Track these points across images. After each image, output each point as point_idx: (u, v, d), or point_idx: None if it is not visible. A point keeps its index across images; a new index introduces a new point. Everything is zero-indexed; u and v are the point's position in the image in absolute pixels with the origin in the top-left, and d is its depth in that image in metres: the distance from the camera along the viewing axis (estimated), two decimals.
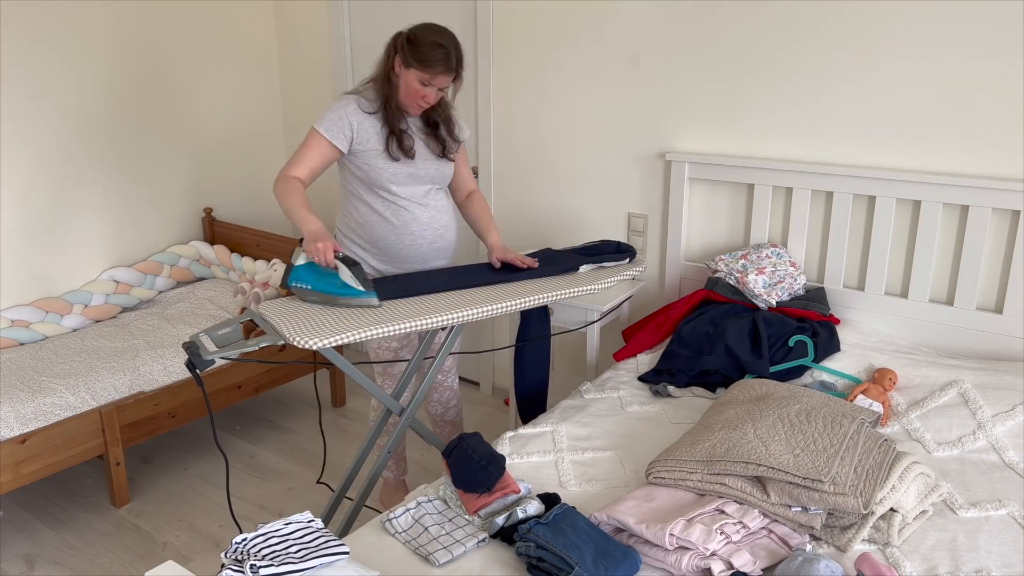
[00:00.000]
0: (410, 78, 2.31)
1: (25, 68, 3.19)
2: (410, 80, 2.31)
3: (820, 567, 1.51)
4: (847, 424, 1.86)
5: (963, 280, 2.43)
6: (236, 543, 1.49)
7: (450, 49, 2.29)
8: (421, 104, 2.36)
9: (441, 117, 2.47)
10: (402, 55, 2.30)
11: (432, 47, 2.27)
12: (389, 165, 2.38)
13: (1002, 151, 2.34)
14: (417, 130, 2.44)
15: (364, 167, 2.39)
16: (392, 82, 2.35)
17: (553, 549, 1.59)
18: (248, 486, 3.03)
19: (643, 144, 3.00)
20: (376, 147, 2.37)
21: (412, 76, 2.30)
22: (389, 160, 2.38)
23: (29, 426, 2.61)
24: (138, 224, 3.67)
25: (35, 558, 2.63)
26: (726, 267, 2.66)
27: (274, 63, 4.15)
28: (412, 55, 2.28)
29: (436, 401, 2.82)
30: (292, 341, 1.92)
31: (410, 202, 2.44)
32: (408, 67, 2.30)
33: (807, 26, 2.57)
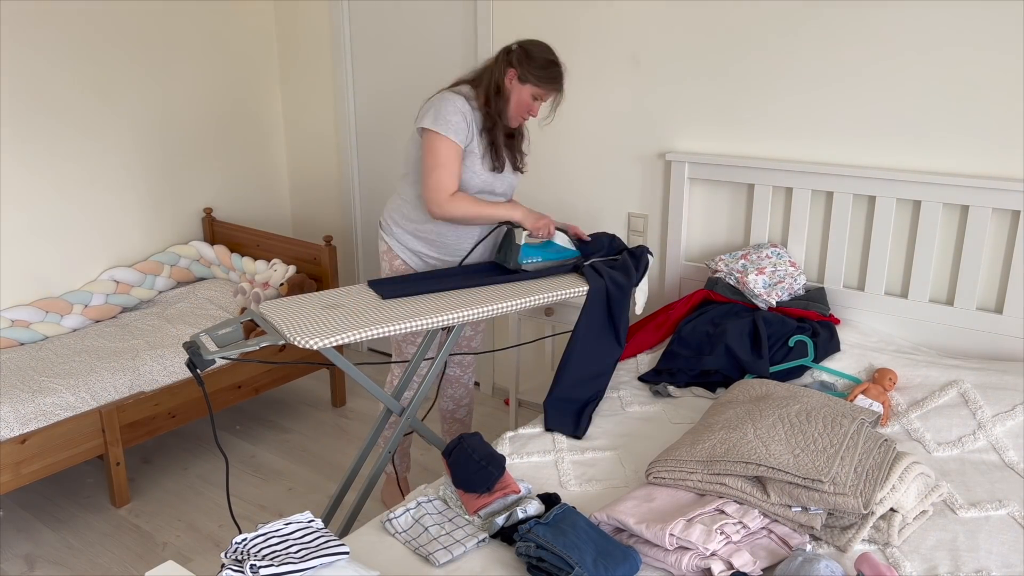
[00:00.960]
0: (524, 93, 2.37)
1: (25, 68, 3.19)
2: (523, 95, 2.37)
3: (820, 567, 1.51)
4: (847, 424, 1.86)
5: (963, 280, 2.43)
6: (236, 543, 1.49)
7: (561, 67, 2.39)
8: (525, 117, 2.43)
9: (518, 131, 2.53)
10: (520, 70, 2.35)
11: (548, 65, 2.36)
12: (482, 173, 2.43)
13: (1002, 151, 2.34)
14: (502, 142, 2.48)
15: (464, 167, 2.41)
16: (503, 94, 2.38)
17: (553, 549, 1.59)
18: (248, 486, 3.03)
19: (643, 144, 3.00)
20: (474, 152, 2.41)
21: (526, 91, 2.37)
22: (483, 168, 2.43)
23: (29, 426, 2.61)
24: (138, 224, 3.67)
25: (35, 558, 2.63)
26: (726, 267, 2.66)
27: (274, 63, 4.15)
28: (530, 71, 2.34)
29: (449, 397, 2.83)
30: (293, 341, 1.92)
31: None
32: (524, 82, 2.36)
33: (807, 26, 2.57)
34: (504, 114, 2.40)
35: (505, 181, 2.50)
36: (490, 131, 2.40)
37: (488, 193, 2.48)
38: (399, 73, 3.72)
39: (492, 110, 2.38)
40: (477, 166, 2.41)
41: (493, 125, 2.39)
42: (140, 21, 3.53)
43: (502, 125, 2.42)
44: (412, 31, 3.62)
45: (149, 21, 3.56)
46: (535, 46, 2.38)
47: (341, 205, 4.14)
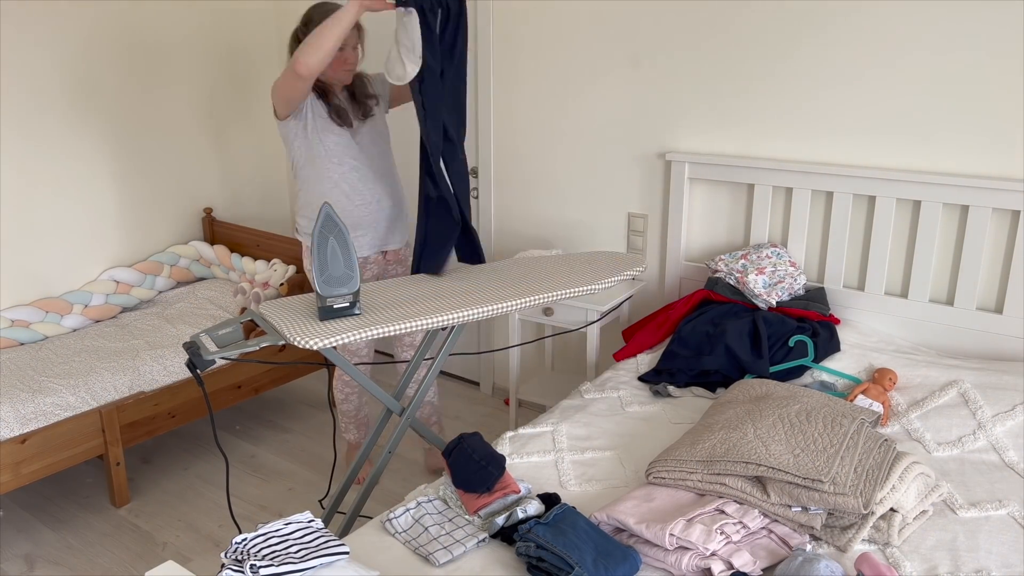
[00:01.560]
0: None
1: (25, 68, 3.19)
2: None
3: (820, 567, 1.51)
4: (847, 424, 1.86)
5: (963, 280, 2.43)
6: (236, 543, 1.49)
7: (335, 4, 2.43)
8: (348, 69, 2.53)
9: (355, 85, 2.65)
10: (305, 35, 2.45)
11: (320, 6, 2.45)
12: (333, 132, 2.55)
13: (1002, 151, 2.34)
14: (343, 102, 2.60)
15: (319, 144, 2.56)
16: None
17: (553, 549, 1.59)
18: (248, 486, 3.03)
19: (643, 144, 3.00)
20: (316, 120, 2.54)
21: None
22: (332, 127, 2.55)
23: (29, 426, 2.61)
24: (138, 224, 3.67)
25: (35, 558, 2.63)
26: (726, 267, 2.66)
27: (274, 63, 4.14)
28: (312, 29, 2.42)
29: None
30: (293, 341, 1.92)
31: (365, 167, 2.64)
32: None
33: (807, 26, 2.57)
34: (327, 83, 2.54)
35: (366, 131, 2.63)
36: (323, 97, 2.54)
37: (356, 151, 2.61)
38: None
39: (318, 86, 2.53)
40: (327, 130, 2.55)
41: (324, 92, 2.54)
42: (140, 21, 3.53)
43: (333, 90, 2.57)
44: None
45: (149, 21, 3.56)
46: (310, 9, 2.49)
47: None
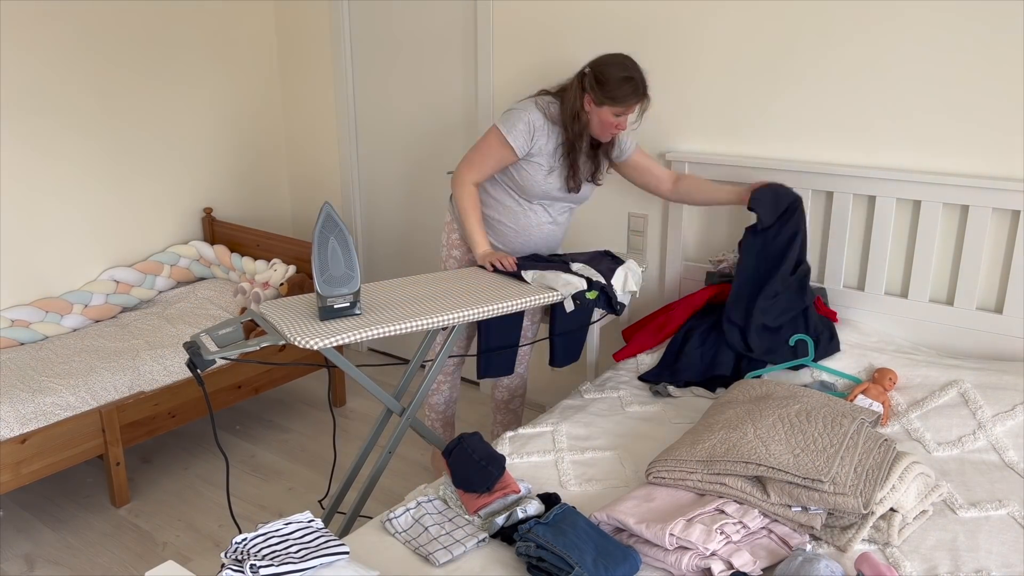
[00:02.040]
0: (604, 114, 2.39)
1: (25, 68, 3.19)
2: (604, 116, 2.40)
3: (820, 567, 1.51)
4: (847, 424, 1.86)
5: (963, 280, 2.43)
6: (236, 543, 1.49)
7: (637, 79, 2.37)
8: (614, 132, 2.45)
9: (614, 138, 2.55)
10: (593, 95, 2.38)
11: (621, 83, 2.35)
12: (547, 180, 2.48)
13: (1002, 151, 2.34)
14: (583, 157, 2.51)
15: (525, 173, 2.48)
16: (581, 120, 2.43)
17: (553, 549, 1.59)
18: (248, 486, 3.03)
19: (643, 144, 3.00)
20: (544, 164, 2.47)
21: (606, 112, 2.38)
22: (552, 178, 2.49)
23: (29, 426, 2.61)
24: (138, 224, 3.67)
25: (35, 558, 2.63)
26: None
27: (274, 63, 4.15)
28: (604, 95, 2.36)
29: (504, 387, 2.88)
30: (293, 341, 1.92)
31: (544, 211, 2.57)
32: (600, 105, 2.37)
33: (807, 26, 2.57)
34: (584, 137, 2.45)
35: (580, 192, 2.57)
36: (568, 155, 2.46)
37: (557, 201, 2.56)
38: (399, 73, 3.72)
39: (572, 134, 2.44)
40: (540, 176, 2.48)
41: (572, 148, 2.45)
42: (140, 21, 3.53)
43: (583, 145, 2.47)
44: (412, 31, 3.62)
45: (149, 21, 3.56)
46: (607, 67, 2.37)
47: (341, 205, 4.13)
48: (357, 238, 4.13)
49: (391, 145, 3.86)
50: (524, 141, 2.43)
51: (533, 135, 2.43)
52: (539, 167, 2.47)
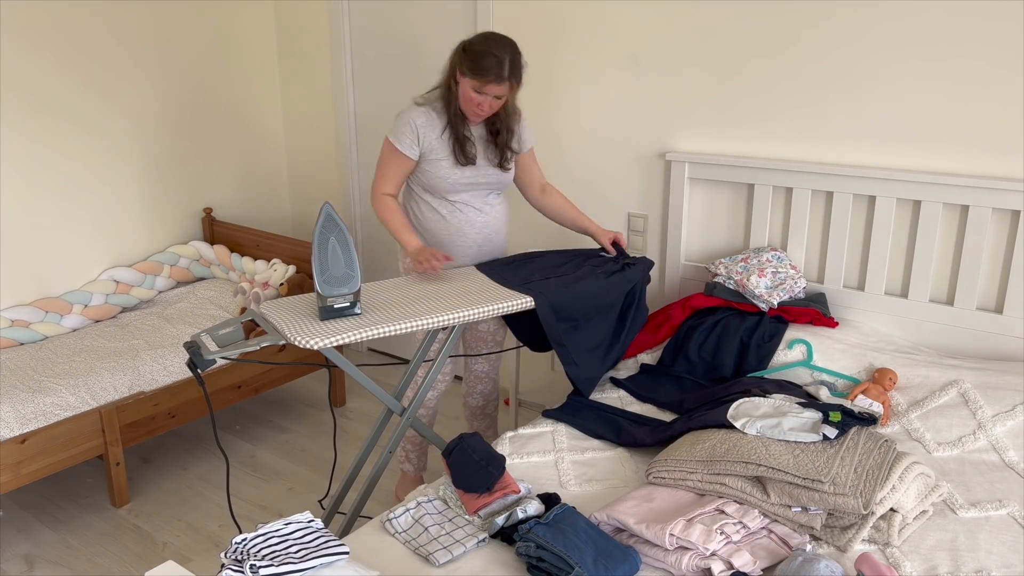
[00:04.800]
0: (465, 86, 2.37)
1: (25, 68, 3.19)
2: (465, 88, 2.37)
3: (820, 567, 1.51)
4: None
5: (963, 280, 2.43)
6: (236, 543, 1.49)
7: (503, 57, 2.32)
8: (477, 112, 2.41)
9: (503, 126, 2.50)
10: (458, 63, 2.37)
11: (484, 56, 2.32)
12: (452, 171, 2.46)
13: (1002, 151, 2.34)
14: (479, 137, 2.50)
15: (428, 171, 2.47)
16: (452, 90, 2.41)
17: (553, 549, 1.59)
18: (248, 486, 3.03)
19: (643, 144, 3.00)
20: (440, 154, 2.45)
21: (467, 84, 2.36)
22: (454, 166, 2.45)
23: (29, 426, 2.61)
24: (138, 224, 3.67)
25: (35, 558, 2.63)
26: (726, 270, 2.66)
27: (274, 63, 4.15)
28: (466, 63, 2.34)
29: (479, 393, 2.85)
30: (293, 341, 1.92)
31: (467, 206, 2.53)
32: (463, 75, 2.36)
33: (807, 26, 2.57)
34: (457, 110, 2.43)
35: (487, 176, 2.51)
36: (452, 127, 2.44)
37: (473, 189, 2.51)
38: (399, 73, 3.72)
39: (450, 108, 2.43)
40: (444, 170, 2.45)
41: (451, 122, 2.44)
42: (140, 20, 3.53)
43: (464, 121, 2.45)
44: (412, 31, 3.61)
45: (149, 21, 3.56)
46: (480, 39, 2.36)
47: (341, 205, 4.13)
48: (357, 238, 4.12)
49: None
50: (411, 143, 2.42)
51: (418, 133, 2.42)
52: (438, 162, 2.45)
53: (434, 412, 2.80)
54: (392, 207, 2.48)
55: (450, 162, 2.45)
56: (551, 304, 2.27)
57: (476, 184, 2.50)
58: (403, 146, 2.42)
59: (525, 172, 2.64)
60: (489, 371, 2.82)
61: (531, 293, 2.26)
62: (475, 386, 2.82)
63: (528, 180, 2.66)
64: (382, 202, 2.49)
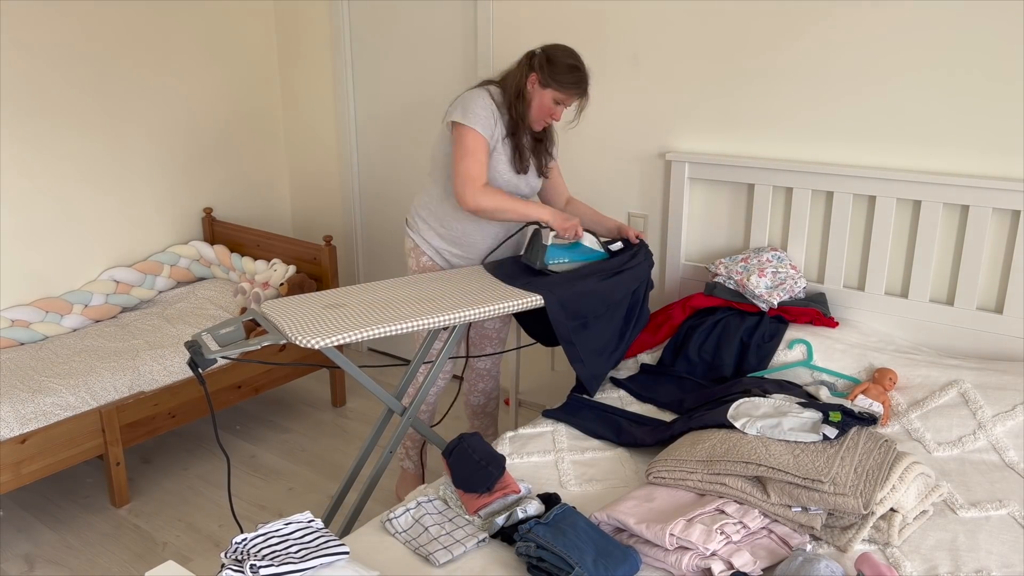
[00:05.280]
0: (546, 97, 2.40)
1: (25, 68, 3.19)
2: (545, 99, 2.40)
3: (820, 567, 1.51)
4: None
5: (963, 280, 2.43)
6: (236, 543, 1.49)
7: (583, 71, 2.40)
8: (548, 121, 2.46)
9: (547, 134, 2.56)
10: (540, 74, 2.38)
11: (571, 70, 2.38)
12: (506, 173, 2.46)
13: (1002, 151, 2.34)
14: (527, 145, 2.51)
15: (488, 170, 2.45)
16: (525, 98, 2.42)
17: (553, 549, 1.59)
18: (248, 486, 3.03)
19: (643, 144, 3.00)
20: (499, 152, 2.44)
21: (548, 96, 2.40)
22: (510, 170, 2.46)
23: (29, 426, 2.61)
24: (138, 224, 3.67)
25: (35, 558, 2.63)
26: (726, 270, 2.66)
27: (274, 63, 4.15)
28: (551, 76, 2.37)
29: (480, 391, 2.85)
30: (294, 340, 1.92)
31: None
32: (546, 87, 2.39)
33: (807, 26, 2.57)
34: (526, 118, 2.44)
35: (529, 184, 2.55)
36: (514, 134, 2.44)
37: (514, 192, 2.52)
38: (399, 73, 3.72)
39: (514, 114, 2.42)
40: (502, 166, 2.45)
41: (516, 128, 2.44)
42: (140, 21, 3.53)
43: (525, 128, 2.46)
44: (412, 31, 3.62)
45: (149, 21, 3.56)
46: (558, 51, 2.40)
47: (341, 205, 4.14)
48: (357, 238, 4.13)
49: (391, 144, 3.86)
50: (490, 128, 2.39)
51: (495, 122, 2.40)
52: (500, 156, 2.44)
53: (433, 410, 2.80)
54: (498, 189, 2.38)
55: (506, 165, 2.46)
56: (560, 301, 2.28)
57: (519, 189, 2.53)
58: (486, 131, 2.36)
59: (553, 185, 2.69)
60: (491, 368, 2.82)
61: (540, 291, 2.27)
62: (476, 384, 2.82)
63: (556, 191, 2.70)
64: (488, 193, 2.34)
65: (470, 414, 2.90)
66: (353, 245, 4.14)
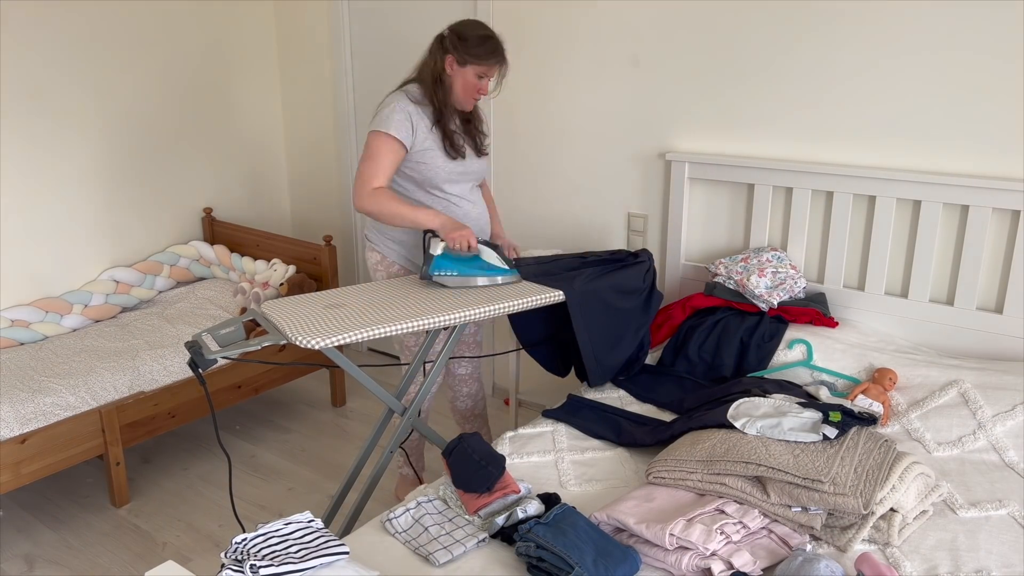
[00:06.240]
0: (468, 75, 2.39)
1: (24, 68, 3.19)
2: (468, 77, 2.39)
3: (820, 567, 1.51)
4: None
5: (963, 280, 2.43)
6: (236, 543, 1.49)
7: (496, 39, 2.39)
8: (475, 99, 2.44)
9: (473, 115, 2.55)
10: (456, 54, 2.37)
11: (483, 40, 2.36)
12: (445, 164, 2.45)
13: (1002, 151, 2.34)
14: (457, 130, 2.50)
15: (420, 166, 2.44)
16: (444, 83, 2.41)
17: (553, 549, 1.59)
18: (248, 486, 3.03)
19: (643, 144, 3.00)
20: (431, 146, 2.43)
21: (470, 72, 2.38)
22: (446, 159, 2.45)
23: (29, 426, 2.61)
24: (138, 224, 3.67)
25: (35, 558, 2.63)
26: (726, 270, 2.66)
27: (274, 63, 4.15)
28: (467, 52, 2.36)
29: (466, 395, 2.84)
30: (295, 341, 1.92)
31: (460, 198, 2.52)
32: (464, 64, 2.37)
33: (807, 26, 2.57)
34: (449, 102, 2.43)
35: (472, 167, 2.52)
36: (439, 122, 2.43)
37: (463, 180, 2.51)
38: (399, 73, 3.72)
39: (438, 101, 2.41)
40: (438, 160, 2.44)
41: (441, 115, 2.43)
42: (140, 21, 3.53)
43: (451, 113, 2.45)
44: (412, 31, 3.62)
45: (149, 21, 3.56)
46: (466, 26, 2.39)
47: (341, 205, 4.14)
48: (357, 238, 4.13)
49: None
50: (406, 130, 2.37)
51: (412, 123, 2.38)
52: (432, 152, 2.43)
53: (427, 411, 2.80)
54: (391, 193, 2.35)
55: (442, 155, 2.44)
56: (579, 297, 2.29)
57: (466, 174, 2.51)
58: (400, 134, 2.35)
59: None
60: (472, 372, 2.81)
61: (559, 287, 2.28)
62: (460, 389, 2.81)
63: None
64: (376, 194, 2.32)
65: (460, 420, 2.89)
66: (353, 245, 4.14)
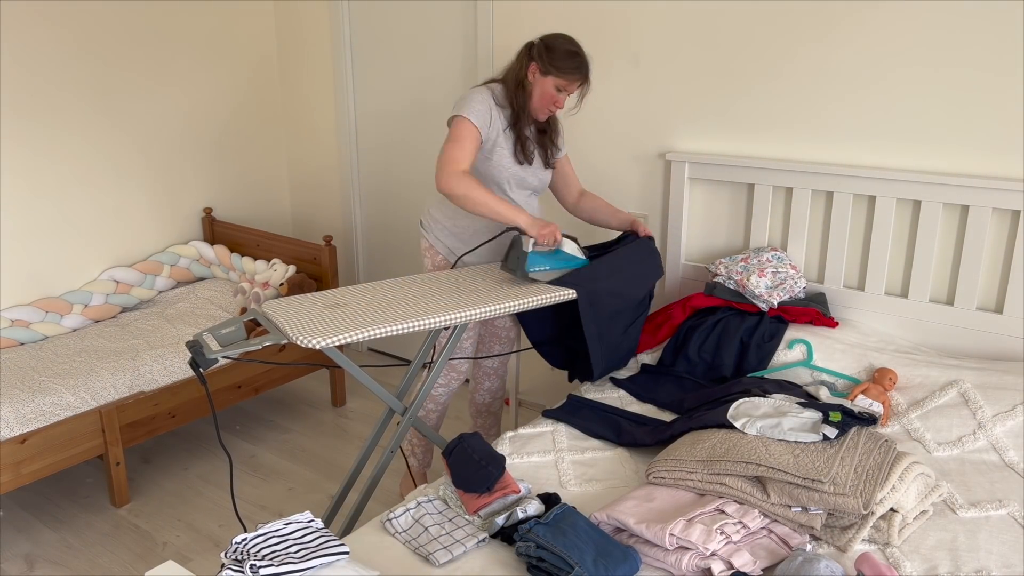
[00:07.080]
0: (547, 85, 2.41)
1: (25, 68, 3.19)
2: (547, 87, 2.41)
3: (820, 567, 1.51)
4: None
5: (963, 280, 2.43)
6: (236, 543, 1.49)
7: (583, 57, 2.42)
8: (551, 110, 2.47)
9: (551, 125, 2.58)
10: (540, 63, 2.40)
11: (570, 56, 2.39)
12: (511, 166, 2.48)
13: (1002, 151, 2.34)
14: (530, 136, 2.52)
15: (486, 161, 2.47)
16: (526, 89, 2.44)
17: (553, 549, 1.59)
18: (248, 486, 3.03)
19: (643, 144, 3.00)
20: (502, 144, 2.46)
21: (549, 83, 2.41)
22: (513, 161, 2.47)
23: (29, 426, 2.61)
24: (138, 224, 3.67)
25: (35, 558, 2.63)
26: (726, 270, 2.66)
27: (274, 63, 4.15)
28: (551, 63, 2.38)
29: (486, 390, 2.86)
30: (295, 340, 1.92)
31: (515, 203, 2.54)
32: (546, 74, 2.40)
33: (808, 27, 2.57)
34: (527, 108, 2.45)
35: (536, 175, 2.55)
36: (515, 125, 2.46)
37: (519, 187, 2.54)
38: (399, 73, 3.72)
39: (515, 105, 2.44)
40: (506, 160, 2.47)
41: (518, 120, 2.45)
42: (140, 21, 3.53)
43: (528, 119, 2.48)
44: (412, 31, 3.62)
45: (149, 21, 3.56)
46: (556, 38, 2.42)
47: (341, 205, 4.14)
48: (357, 238, 4.13)
49: (391, 145, 3.86)
50: (485, 120, 2.39)
51: (492, 115, 2.41)
52: (500, 151, 2.45)
53: (444, 409, 2.80)
54: (475, 181, 2.32)
55: (509, 156, 2.47)
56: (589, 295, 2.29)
57: (527, 181, 2.53)
58: (479, 121, 2.37)
59: (563, 177, 2.69)
60: (499, 368, 2.83)
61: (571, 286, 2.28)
62: (483, 382, 2.83)
63: (567, 188, 2.71)
64: (464, 178, 2.29)
65: (474, 412, 2.91)
66: (353, 245, 4.14)
